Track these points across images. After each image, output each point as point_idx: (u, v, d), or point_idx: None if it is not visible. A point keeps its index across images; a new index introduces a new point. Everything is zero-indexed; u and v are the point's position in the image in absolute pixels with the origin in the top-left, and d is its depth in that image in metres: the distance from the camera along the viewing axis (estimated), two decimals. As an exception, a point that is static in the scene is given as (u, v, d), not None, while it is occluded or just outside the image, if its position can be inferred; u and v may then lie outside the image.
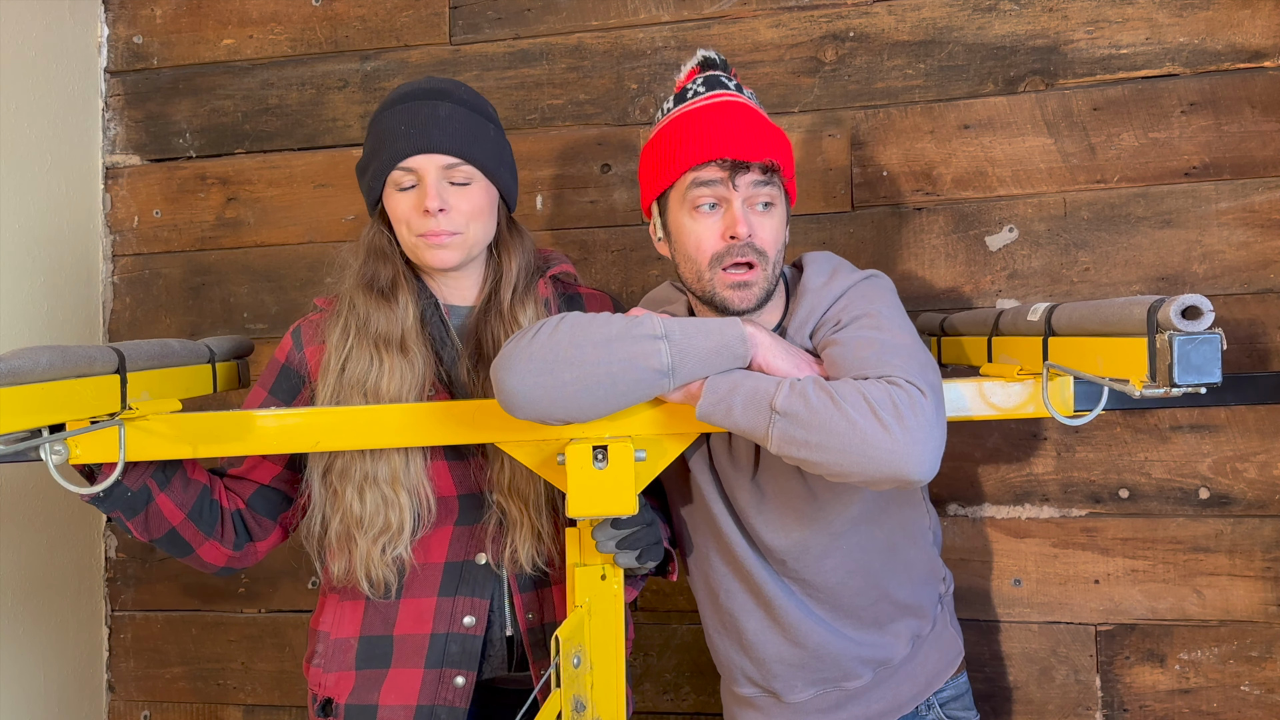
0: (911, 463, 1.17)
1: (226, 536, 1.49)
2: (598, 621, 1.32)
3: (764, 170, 1.34)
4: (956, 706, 1.52)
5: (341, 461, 1.46)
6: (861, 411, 1.17)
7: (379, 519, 1.44)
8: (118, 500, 1.38)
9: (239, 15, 2.22)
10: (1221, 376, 1.10)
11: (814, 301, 1.38)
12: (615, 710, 1.31)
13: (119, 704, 2.26)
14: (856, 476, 1.19)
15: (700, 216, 1.35)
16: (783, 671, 1.47)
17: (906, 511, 1.48)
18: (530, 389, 1.25)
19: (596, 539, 1.32)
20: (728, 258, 1.34)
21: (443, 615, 1.48)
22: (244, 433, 1.38)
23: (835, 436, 1.17)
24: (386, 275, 1.49)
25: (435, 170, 1.43)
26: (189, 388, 1.55)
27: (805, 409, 1.19)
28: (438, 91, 1.47)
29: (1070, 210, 1.88)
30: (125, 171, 2.27)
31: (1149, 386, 1.13)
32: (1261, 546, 1.81)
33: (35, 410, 1.18)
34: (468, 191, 1.45)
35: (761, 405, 1.21)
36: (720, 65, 1.44)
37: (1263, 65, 1.82)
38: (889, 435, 1.16)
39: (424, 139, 1.42)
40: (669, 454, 1.34)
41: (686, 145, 1.36)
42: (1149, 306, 1.13)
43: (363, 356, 1.46)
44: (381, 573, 1.45)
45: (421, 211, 1.42)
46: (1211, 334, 1.10)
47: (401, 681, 1.47)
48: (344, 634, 1.52)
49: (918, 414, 1.18)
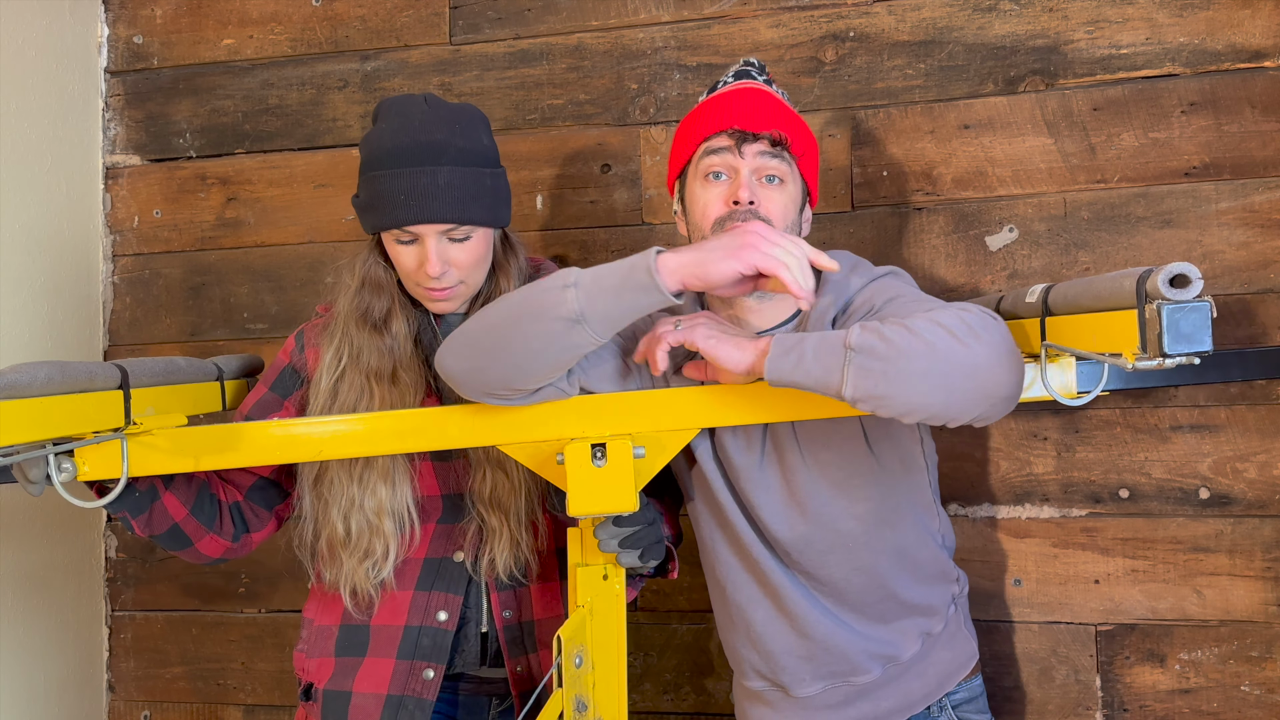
0: (997, 376, 1.15)
1: (225, 529, 1.54)
2: (599, 621, 1.32)
3: (772, 143, 1.37)
4: (970, 709, 1.51)
5: (330, 478, 1.51)
6: (937, 335, 1.14)
7: (363, 543, 1.49)
8: (125, 502, 1.43)
9: (239, 15, 2.22)
10: (1212, 346, 1.08)
11: (836, 292, 1.39)
12: (616, 710, 1.31)
13: (119, 704, 2.26)
14: (939, 403, 1.14)
15: (710, 184, 1.39)
16: (790, 664, 1.46)
17: (917, 514, 1.47)
18: (463, 363, 1.30)
19: (599, 538, 1.32)
20: (729, 221, 1.35)
21: (417, 609, 1.52)
22: (244, 444, 1.40)
23: (914, 360, 1.13)
24: (380, 308, 1.53)
25: (435, 235, 1.45)
26: (196, 404, 1.57)
27: (880, 341, 1.15)
28: (435, 153, 1.45)
29: (1070, 210, 1.88)
30: (125, 171, 2.27)
31: (1141, 358, 1.12)
32: (1262, 546, 1.82)
33: (35, 424, 1.18)
34: (467, 246, 1.48)
35: (834, 346, 1.17)
36: (758, 67, 1.50)
37: (1263, 65, 1.82)
38: (969, 350, 1.13)
39: (423, 210, 1.43)
40: (669, 450, 1.34)
41: (702, 120, 1.42)
42: (1138, 277, 1.13)
43: (354, 385, 1.51)
44: (365, 590, 1.51)
45: (423, 272, 1.46)
46: (1200, 302, 1.09)
47: (375, 670, 1.52)
48: (327, 621, 1.57)
49: (993, 331, 1.16)
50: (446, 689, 1.58)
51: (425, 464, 1.53)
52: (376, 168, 1.46)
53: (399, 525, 1.49)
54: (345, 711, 1.51)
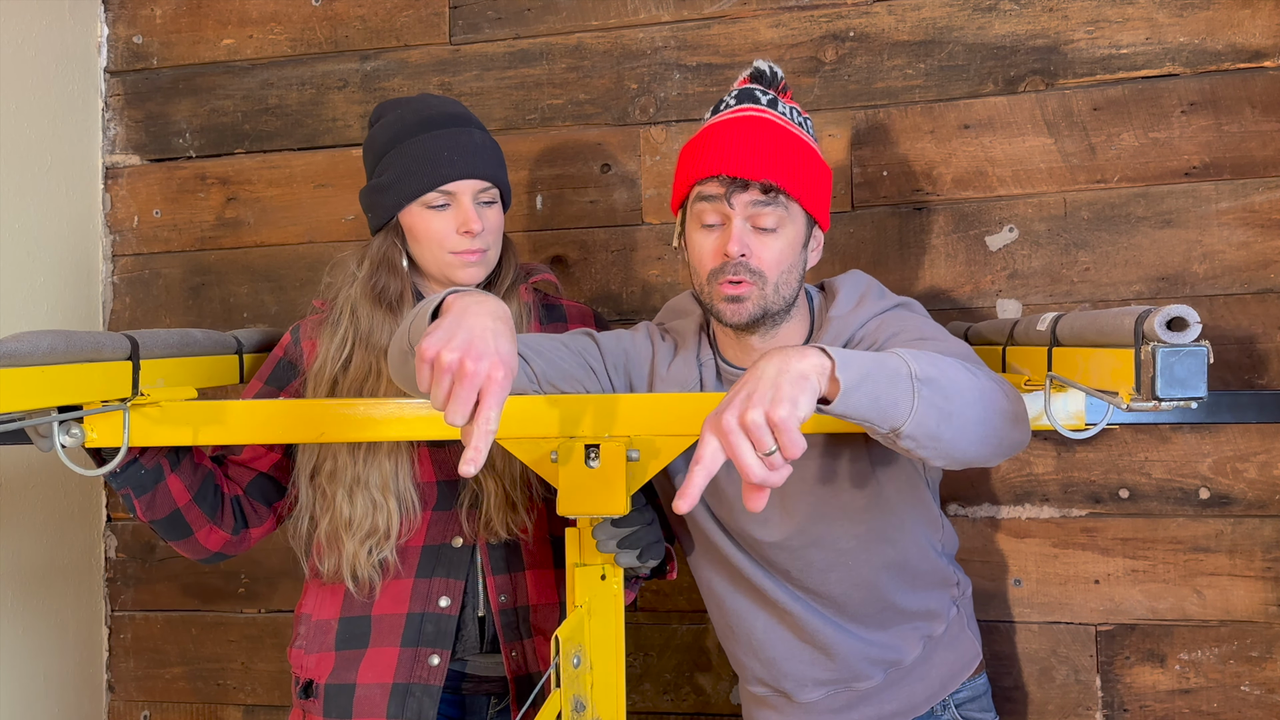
0: (1026, 432, 1.18)
1: (225, 522, 1.55)
2: (598, 621, 1.32)
3: (764, 190, 1.32)
4: (973, 708, 1.51)
5: (332, 464, 1.53)
6: (967, 368, 1.12)
7: (367, 522, 1.50)
8: (130, 478, 1.43)
9: (239, 15, 2.22)
10: (1208, 391, 1.06)
11: (839, 327, 1.38)
12: (615, 710, 1.31)
13: (119, 704, 2.26)
14: (976, 455, 1.12)
15: (704, 232, 1.37)
16: (792, 671, 1.46)
17: (919, 529, 1.46)
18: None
19: (597, 538, 1.32)
20: (722, 275, 1.34)
21: (419, 596, 1.54)
22: (245, 420, 1.40)
23: (965, 392, 1.08)
24: (395, 289, 1.56)
25: (471, 193, 1.53)
26: (211, 377, 1.57)
27: (938, 371, 1.07)
28: (465, 118, 1.58)
29: (1070, 210, 1.88)
30: (125, 171, 2.27)
31: (1136, 400, 1.10)
32: (1262, 546, 1.81)
33: (36, 392, 1.20)
34: (492, 211, 1.57)
35: (900, 375, 1.05)
36: (767, 79, 1.42)
37: (1263, 65, 1.82)
38: (1012, 405, 1.15)
39: (466, 165, 1.52)
40: (664, 455, 1.33)
41: (697, 158, 1.37)
42: (1136, 317, 1.11)
43: (363, 366, 1.54)
44: (367, 573, 1.52)
45: (462, 231, 1.51)
46: (1198, 346, 1.06)
47: (378, 660, 1.52)
48: (325, 616, 1.57)
49: (1011, 387, 1.19)
50: (449, 688, 1.58)
51: (422, 449, 1.55)
52: (407, 138, 1.53)
53: (401, 504, 1.51)
54: (349, 705, 1.51)
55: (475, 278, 1.56)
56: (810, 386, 0.99)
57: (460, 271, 1.54)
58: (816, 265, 1.45)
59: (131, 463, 1.42)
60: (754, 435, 0.97)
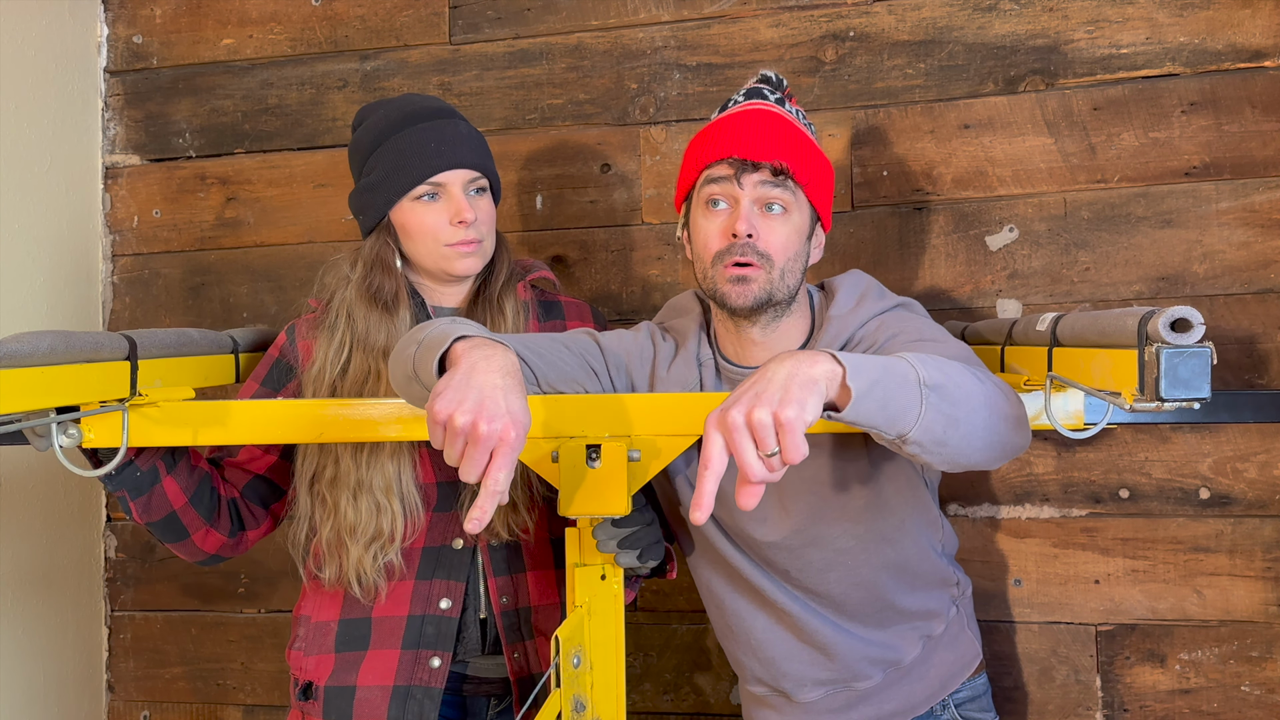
0: (1027, 435, 1.19)
1: (222, 524, 1.54)
2: (597, 621, 1.32)
3: (774, 172, 1.33)
4: (973, 708, 1.51)
5: (333, 469, 1.52)
6: (972, 373, 1.13)
7: (371, 525, 1.49)
8: (126, 480, 1.43)
9: (239, 15, 2.22)
10: (1210, 391, 1.07)
11: (838, 327, 1.38)
12: (615, 710, 1.31)
13: (119, 704, 2.26)
14: (982, 460, 1.13)
15: (711, 214, 1.37)
16: (791, 671, 1.46)
17: (919, 529, 1.46)
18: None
19: (597, 538, 1.32)
20: (728, 255, 1.34)
21: (420, 598, 1.53)
22: (245, 421, 1.40)
23: (971, 398, 1.09)
24: (390, 288, 1.55)
25: (461, 183, 1.53)
26: (208, 377, 1.58)
27: (945, 377, 1.07)
28: (449, 111, 1.59)
29: (1070, 210, 1.88)
30: (125, 171, 2.27)
31: (1139, 400, 1.11)
32: (1262, 546, 1.81)
33: (35, 393, 1.19)
34: (483, 200, 1.57)
35: (908, 381, 1.04)
36: (774, 83, 1.45)
37: (1263, 65, 1.82)
38: (1001, 390, 1.16)
39: (453, 155, 1.53)
40: (665, 455, 1.33)
41: (705, 146, 1.39)
42: (1140, 318, 1.12)
43: (361, 368, 1.53)
44: (372, 578, 1.51)
45: (455, 221, 1.52)
46: (1201, 347, 1.07)
47: (379, 663, 1.52)
48: (325, 617, 1.57)
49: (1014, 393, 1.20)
50: (450, 690, 1.58)
51: (423, 450, 1.55)
52: (393, 132, 1.54)
53: (405, 506, 1.51)
54: (349, 707, 1.50)
55: (473, 268, 1.55)
56: (819, 391, 0.99)
57: (457, 263, 1.54)
58: (817, 265, 1.45)
59: (127, 464, 1.41)
60: (759, 434, 0.97)
